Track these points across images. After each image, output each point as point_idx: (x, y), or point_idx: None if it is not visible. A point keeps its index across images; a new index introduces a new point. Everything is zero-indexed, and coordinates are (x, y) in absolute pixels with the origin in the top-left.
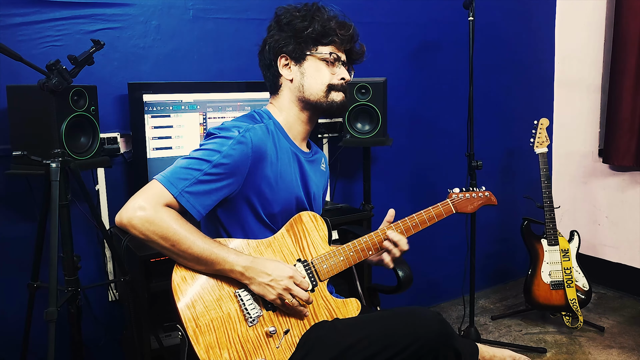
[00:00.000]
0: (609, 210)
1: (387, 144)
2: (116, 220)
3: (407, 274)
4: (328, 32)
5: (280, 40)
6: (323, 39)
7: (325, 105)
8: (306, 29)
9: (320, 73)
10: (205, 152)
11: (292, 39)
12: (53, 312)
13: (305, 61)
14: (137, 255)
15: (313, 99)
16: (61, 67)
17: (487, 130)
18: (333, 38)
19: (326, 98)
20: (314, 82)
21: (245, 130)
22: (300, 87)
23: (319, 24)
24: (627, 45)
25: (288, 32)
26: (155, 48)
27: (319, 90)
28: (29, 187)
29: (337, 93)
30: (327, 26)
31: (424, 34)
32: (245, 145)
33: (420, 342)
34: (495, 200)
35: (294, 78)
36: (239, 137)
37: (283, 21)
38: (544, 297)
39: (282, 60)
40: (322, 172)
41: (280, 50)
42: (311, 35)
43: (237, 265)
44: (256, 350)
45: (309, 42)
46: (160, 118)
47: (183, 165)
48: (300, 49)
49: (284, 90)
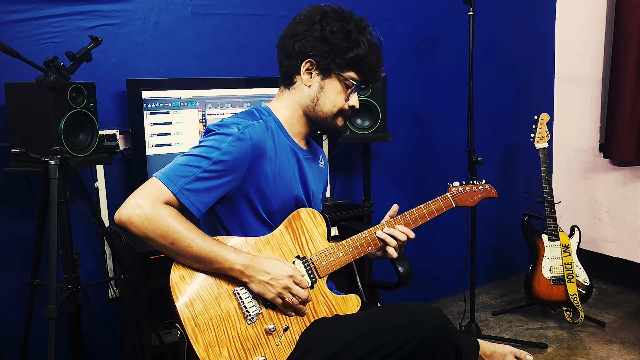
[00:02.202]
0: (609, 205)
1: (387, 139)
2: (115, 218)
3: (407, 270)
4: (365, 64)
5: (316, 47)
6: (357, 66)
7: (326, 126)
8: (347, 52)
9: (338, 96)
10: (204, 149)
11: (328, 53)
12: (53, 310)
13: (329, 78)
14: (136, 252)
15: (320, 116)
16: (59, 63)
17: (487, 126)
18: (364, 70)
19: (332, 120)
20: (329, 102)
21: (244, 126)
22: (314, 99)
23: (361, 52)
24: (628, 40)
25: (326, 45)
26: (153, 44)
27: (329, 112)
28: (28, 184)
29: (342, 119)
30: (366, 58)
31: (424, 29)
32: (244, 142)
33: (420, 338)
34: (495, 193)
35: (312, 86)
36: (238, 134)
37: (326, 29)
38: (545, 293)
39: (307, 64)
40: (321, 170)
41: (311, 56)
42: (348, 60)
43: (237, 264)
44: (256, 348)
45: (342, 64)
46: (159, 115)
47: (182, 163)
48: (331, 66)
49: (296, 90)
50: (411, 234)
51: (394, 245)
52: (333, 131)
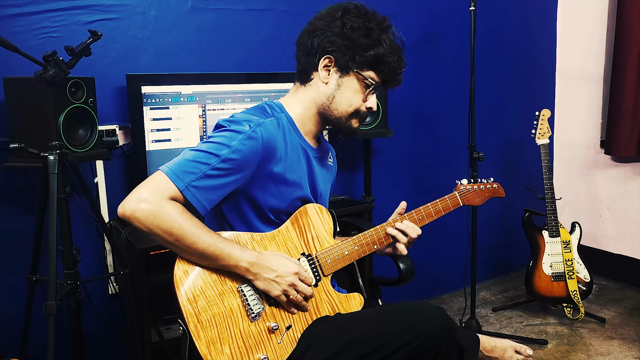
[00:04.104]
0: (610, 201)
1: (388, 135)
2: (119, 212)
3: (408, 267)
4: (385, 64)
5: (335, 43)
6: (377, 66)
7: (341, 126)
8: (367, 49)
9: (355, 95)
10: (213, 145)
11: (347, 50)
12: (52, 306)
13: (348, 75)
14: (136, 248)
15: (335, 115)
16: (58, 58)
17: (488, 122)
18: (385, 70)
19: (347, 121)
20: (345, 100)
21: (256, 124)
22: (330, 97)
23: (381, 51)
24: (630, 35)
25: (346, 40)
26: (153, 39)
27: (345, 111)
28: (28, 180)
29: (357, 120)
30: (387, 58)
31: (425, 24)
32: (255, 140)
33: (422, 338)
34: (503, 192)
35: (329, 84)
36: (249, 132)
37: (347, 25)
38: (545, 289)
39: (326, 60)
40: (330, 167)
41: (330, 52)
42: (368, 58)
43: (242, 261)
44: (258, 346)
45: (362, 62)
46: (159, 110)
47: (190, 158)
48: (350, 63)
49: (312, 87)
50: (420, 231)
51: (405, 242)
52: (347, 132)
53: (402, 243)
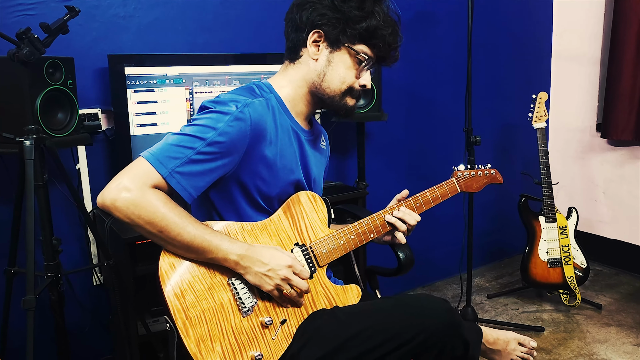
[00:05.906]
0: (606, 186)
1: (382, 119)
2: (98, 202)
3: (408, 256)
4: (378, 37)
5: (325, 16)
6: (369, 39)
7: (335, 105)
8: (359, 21)
9: (348, 71)
10: (198, 128)
11: (338, 22)
12: (31, 301)
13: (339, 50)
14: (121, 238)
15: (327, 93)
16: (32, 35)
17: (484, 105)
18: (379, 44)
19: (340, 99)
20: (337, 77)
21: (243, 105)
22: (320, 74)
23: (374, 23)
24: (628, 16)
25: (337, 13)
26: (136, 17)
27: (337, 89)
28: (4, 166)
29: (352, 98)
30: (381, 30)
31: (420, 4)
32: (243, 122)
33: (427, 334)
34: (501, 178)
35: (319, 60)
36: (236, 113)
37: None
38: (542, 275)
39: (315, 35)
40: (323, 151)
41: (319, 26)
42: (360, 30)
43: (231, 254)
44: (251, 342)
45: (354, 35)
46: (143, 92)
47: (173, 142)
48: (341, 36)
49: (302, 64)
50: (419, 218)
51: (404, 230)
52: (343, 111)
53: (401, 231)
